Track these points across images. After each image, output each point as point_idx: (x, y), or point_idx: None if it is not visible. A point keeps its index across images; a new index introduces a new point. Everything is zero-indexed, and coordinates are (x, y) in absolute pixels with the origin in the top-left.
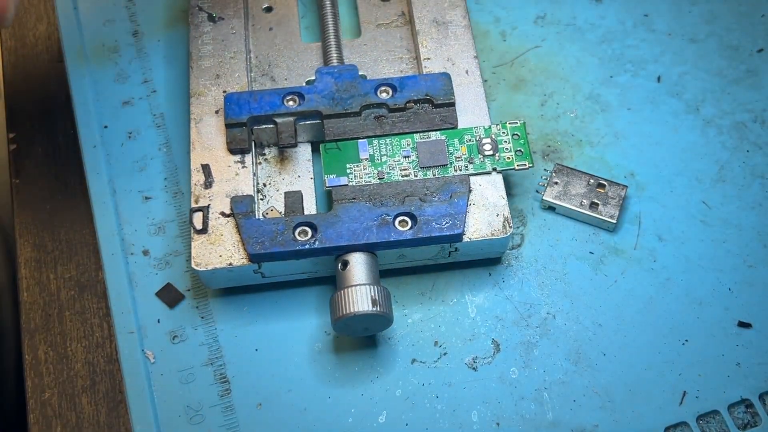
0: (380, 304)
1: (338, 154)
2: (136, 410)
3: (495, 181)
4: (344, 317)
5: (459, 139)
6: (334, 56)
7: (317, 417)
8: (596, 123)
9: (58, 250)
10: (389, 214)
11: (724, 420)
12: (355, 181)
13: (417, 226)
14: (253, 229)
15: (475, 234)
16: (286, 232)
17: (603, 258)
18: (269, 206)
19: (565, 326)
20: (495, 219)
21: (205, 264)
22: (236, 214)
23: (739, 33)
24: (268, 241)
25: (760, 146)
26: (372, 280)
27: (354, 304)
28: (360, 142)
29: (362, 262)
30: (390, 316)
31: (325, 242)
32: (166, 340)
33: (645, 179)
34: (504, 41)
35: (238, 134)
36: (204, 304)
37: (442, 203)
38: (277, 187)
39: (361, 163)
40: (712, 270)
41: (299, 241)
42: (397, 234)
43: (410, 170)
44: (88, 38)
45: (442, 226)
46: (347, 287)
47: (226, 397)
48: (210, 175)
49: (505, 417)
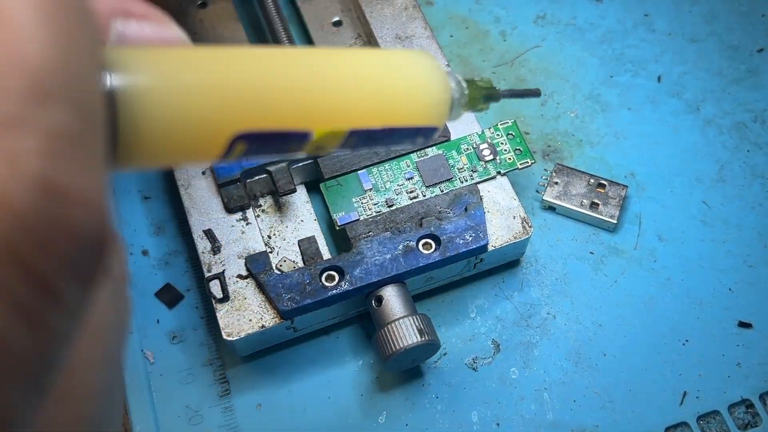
0: (427, 333)
1: (341, 190)
2: (136, 410)
3: (502, 185)
4: (395, 354)
5: (456, 150)
6: None
7: (317, 417)
8: (596, 123)
9: None
10: (411, 240)
11: (724, 420)
12: (366, 213)
13: (442, 246)
14: (279, 286)
15: (498, 241)
16: (314, 281)
17: (603, 258)
18: (281, 258)
19: (565, 326)
20: (513, 222)
21: (237, 332)
22: (255, 274)
23: (739, 33)
24: (297, 294)
25: (760, 146)
26: (411, 309)
27: (402, 339)
28: (360, 174)
29: (396, 294)
30: (438, 342)
31: (356, 283)
32: (165, 340)
33: (645, 179)
34: (504, 41)
35: (234, 192)
36: (204, 304)
37: (459, 218)
38: (283, 236)
39: (367, 194)
40: (712, 270)
41: (328, 288)
42: (425, 258)
43: (417, 191)
44: None
45: (467, 241)
46: (389, 323)
47: (226, 397)
48: (216, 240)
49: (505, 417)
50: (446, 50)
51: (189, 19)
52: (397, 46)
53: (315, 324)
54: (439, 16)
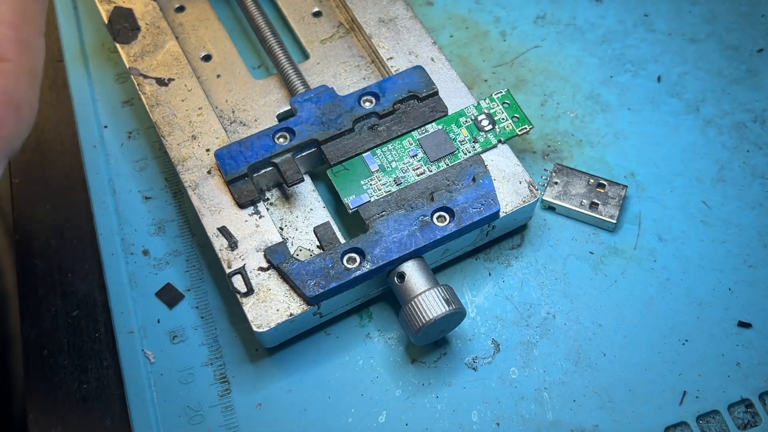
0: (453, 302)
1: (348, 175)
2: (136, 410)
3: (504, 152)
4: (425, 326)
5: (456, 123)
6: (298, 84)
7: (317, 417)
8: (596, 123)
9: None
10: (426, 215)
11: (724, 420)
12: (376, 194)
13: (456, 217)
14: (303, 272)
15: (508, 207)
16: (336, 265)
17: (603, 258)
18: (296, 247)
19: (565, 326)
20: (520, 186)
21: (267, 323)
22: (277, 265)
23: (739, 33)
24: (322, 279)
25: (760, 146)
26: (433, 282)
27: (430, 310)
28: (365, 156)
29: (417, 269)
30: (464, 310)
31: (377, 262)
32: (166, 340)
33: (645, 179)
34: (504, 41)
35: (243, 187)
36: (204, 304)
37: (469, 188)
38: (296, 226)
39: (374, 176)
40: (712, 270)
41: (351, 269)
42: (441, 230)
43: (423, 167)
44: (88, 38)
45: (480, 210)
46: (415, 297)
47: (226, 397)
48: (231, 236)
49: (505, 417)
50: (446, 50)
51: (168, 24)
52: (382, 30)
53: (339, 308)
54: (439, 16)
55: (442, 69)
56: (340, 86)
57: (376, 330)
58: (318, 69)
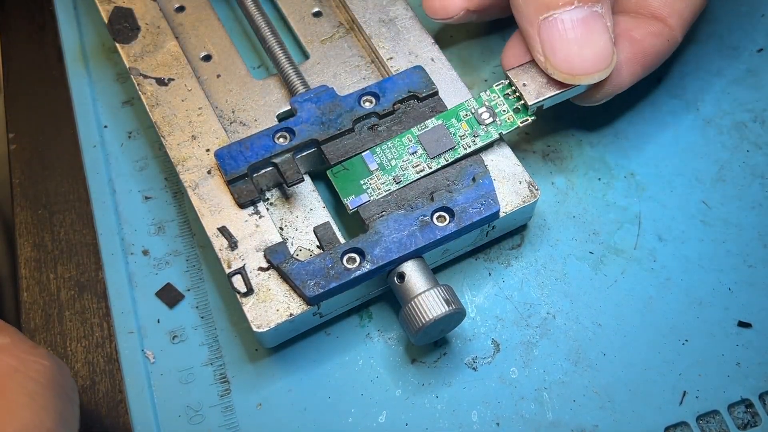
0: (452, 302)
1: (348, 174)
2: (136, 410)
3: (504, 152)
4: (425, 326)
5: (456, 117)
6: (298, 84)
7: (317, 417)
8: (596, 123)
9: (58, 250)
10: (425, 215)
11: (724, 420)
12: (376, 194)
13: (456, 217)
14: (303, 273)
15: (508, 207)
16: (336, 265)
17: (603, 258)
18: (296, 248)
19: (565, 326)
20: (519, 186)
21: (267, 323)
22: (277, 265)
23: (739, 33)
24: (322, 279)
25: (760, 146)
26: (433, 282)
27: (429, 310)
28: (365, 155)
29: (417, 269)
30: (464, 311)
31: (377, 262)
32: (166, 340)
33: (645, 179)
34: (504, 41)
35: (243, 187)
36: (204, 304)
37: (469, 188)
38: (295, 226)
39: (374, 175)
40: (712, 270)
41: (351, 269)
42: (441, 231)
43: (422, 164)
44: (88, 38)
45: (480, 210)
46: (415, 297)
47: (226, 397)
48: (231, 236)
49: (505, 417)
50: (446, 50)
51: (168, 24)
52: (382, 30)
53: (338, 308)
54: None
55: (442, 69)
56: (340, 86)
57: (376, 330)
58: (318, 69)
